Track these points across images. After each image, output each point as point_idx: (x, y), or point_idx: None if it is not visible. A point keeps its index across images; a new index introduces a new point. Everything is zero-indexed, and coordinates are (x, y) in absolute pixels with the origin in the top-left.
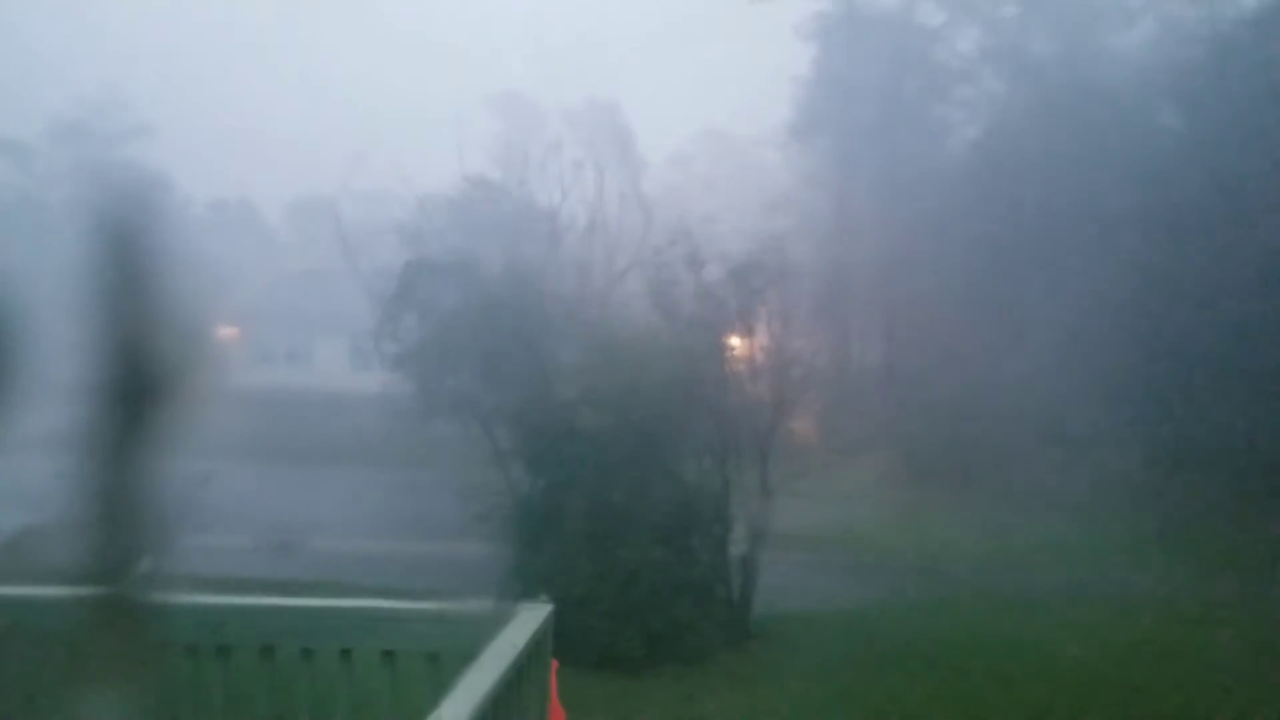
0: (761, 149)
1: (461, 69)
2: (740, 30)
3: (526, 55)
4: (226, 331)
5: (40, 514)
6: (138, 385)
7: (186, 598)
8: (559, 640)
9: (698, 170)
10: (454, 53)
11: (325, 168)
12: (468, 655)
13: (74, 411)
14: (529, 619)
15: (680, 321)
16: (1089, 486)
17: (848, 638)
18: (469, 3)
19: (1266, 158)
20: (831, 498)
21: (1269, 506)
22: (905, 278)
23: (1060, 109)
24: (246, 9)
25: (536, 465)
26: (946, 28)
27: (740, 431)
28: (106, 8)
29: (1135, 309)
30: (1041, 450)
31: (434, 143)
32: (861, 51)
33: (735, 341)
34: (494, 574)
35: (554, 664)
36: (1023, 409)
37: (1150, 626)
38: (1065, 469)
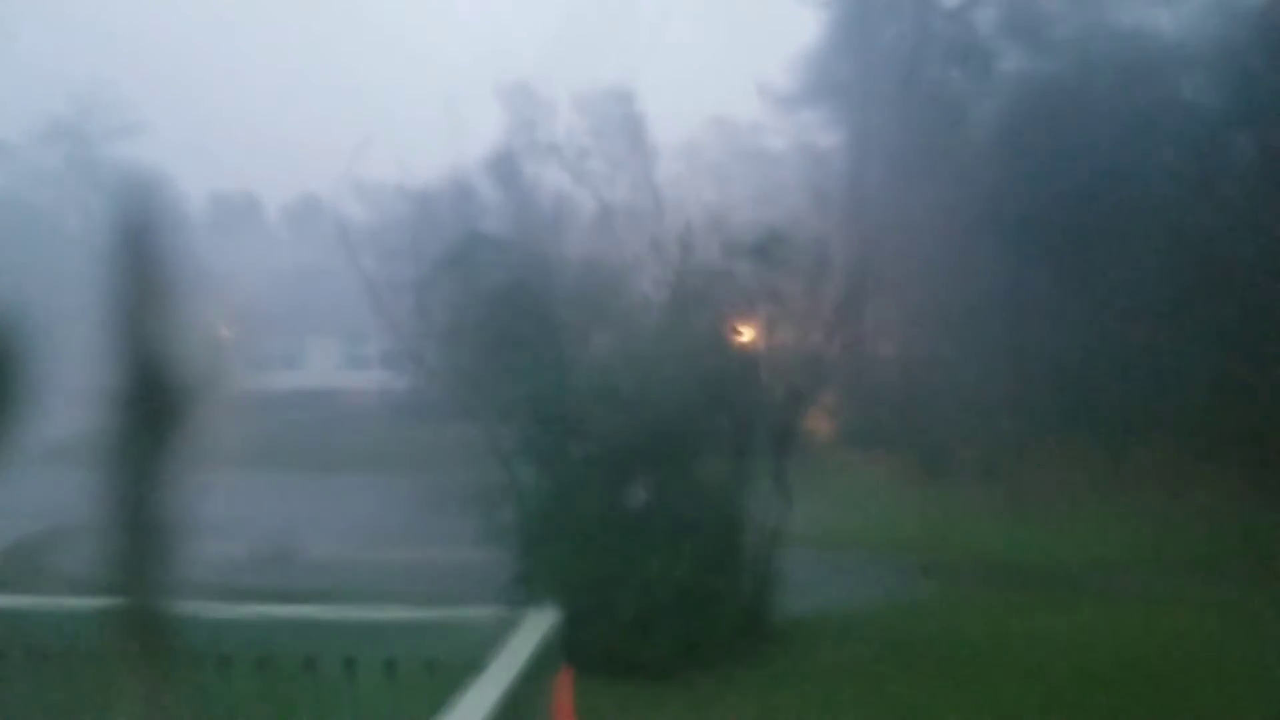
0: (773, 133)
1: (468, 58)
2: (751, 10)
3: (536, 43)
4: (222, 332)
5: (39, 523)
6: (138, 391)
7: (188, 607)
8: (568, 648)
9: (708, 157)
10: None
11: (324, 163)
12: (473, 665)
13: (74, 418)
14: (535, 627)
15: (696, 312)
16: (1116, 481)
17: (865, 640)
18: None
19: None
20: (849, 495)
21: None
22: (924, 265)
23: (1084, 84)
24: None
25: (546, 465)
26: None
27: (756, 427)
28: (102, 4)
29: (1166, 293)
30: (1068, 444)
31: (437, 135)
32: (878, 27)
33: (751, 332)
34: (502, 580)
35: (568, 672)
36: (1047, 401)
37: (1174, 622)
38: (1092, 463)
